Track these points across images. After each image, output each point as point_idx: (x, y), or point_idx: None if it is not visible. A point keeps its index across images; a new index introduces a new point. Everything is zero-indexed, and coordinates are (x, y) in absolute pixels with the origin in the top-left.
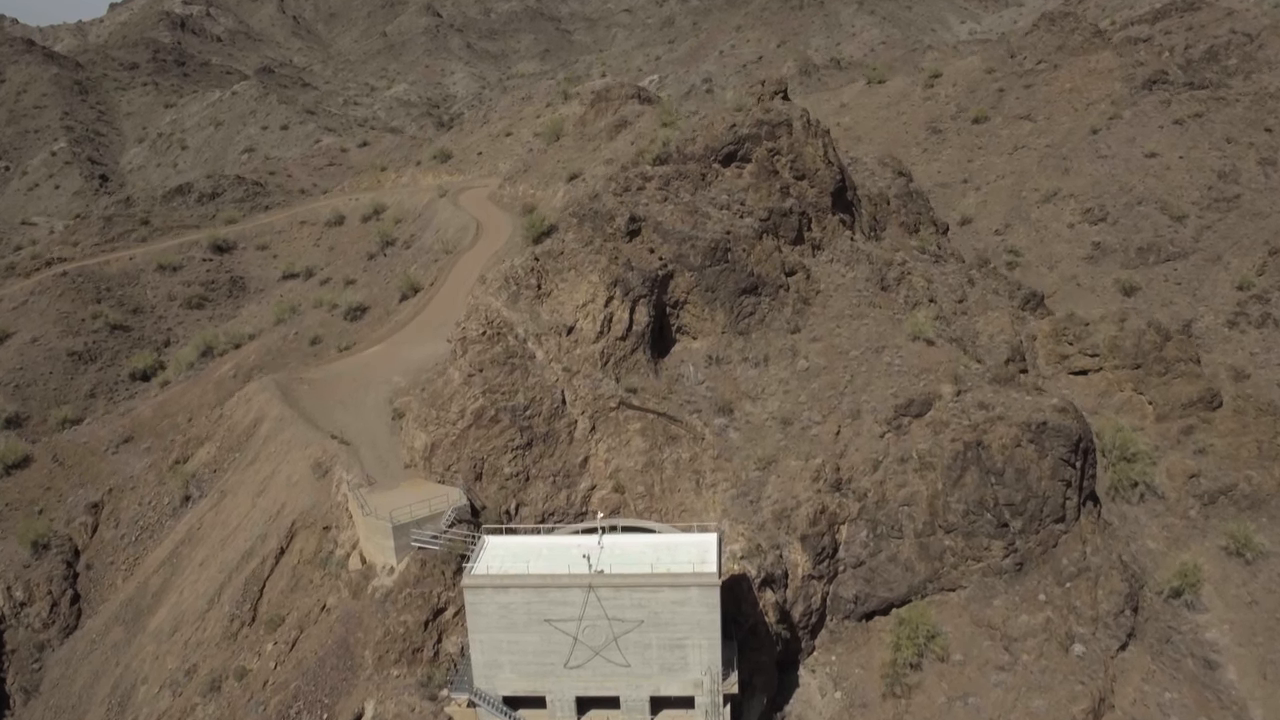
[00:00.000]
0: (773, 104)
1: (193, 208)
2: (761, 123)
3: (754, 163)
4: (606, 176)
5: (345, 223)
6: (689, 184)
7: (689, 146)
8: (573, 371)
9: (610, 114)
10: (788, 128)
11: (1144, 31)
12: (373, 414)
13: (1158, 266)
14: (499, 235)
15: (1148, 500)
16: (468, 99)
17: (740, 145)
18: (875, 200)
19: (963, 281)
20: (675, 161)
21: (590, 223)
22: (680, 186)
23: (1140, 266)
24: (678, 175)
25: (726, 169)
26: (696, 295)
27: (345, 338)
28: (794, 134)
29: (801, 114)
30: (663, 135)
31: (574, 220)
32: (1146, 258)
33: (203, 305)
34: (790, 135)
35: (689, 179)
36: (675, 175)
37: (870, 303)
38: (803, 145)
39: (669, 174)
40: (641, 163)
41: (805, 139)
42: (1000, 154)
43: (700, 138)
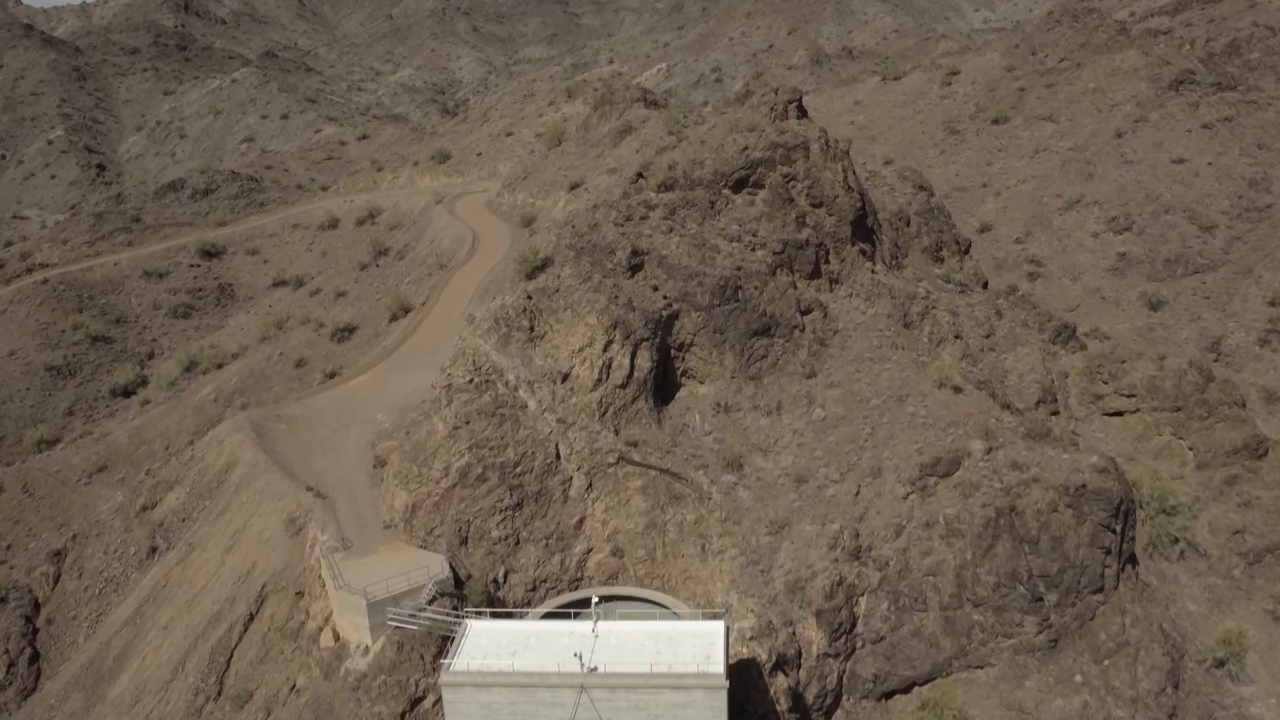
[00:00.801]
0: (788, 124)
1: (185, 204)
2: (776, 145)
3: (767, 189)
4: (607, 204)
5: (339, 226)
6: (696, 213)
7: (697, 171)
8: (568, 423)
9: (614, 118)
10: (804, 151)
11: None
12: (353, 459)
13: (1185, 279)
14: (496, 248)
15: (1188, 558)
16: (473, 84)
17: (752, 170)
18: (896, 220)
19: (990, 314)
20: (682, 187)
21: (589, 256)
22: (687, 216)
23: (1167, 279)
24: (684, 203)
25: (737, 195)
26: (704, 337)
27: (331, 360)
28: (811, 157)
29: (819, 134)
30: (668, 159)
31: (571, 253)
32: (1174, 270)
33: (189, 315)
34: (807, 159)
35: (696, 207)
36: (682, 203)
37: (892, 343)
38: (820, 170)
39: (675, 202)
40: (645, 189)
41: (823, 162)
42: (1021, 157)
43: (709, 161)
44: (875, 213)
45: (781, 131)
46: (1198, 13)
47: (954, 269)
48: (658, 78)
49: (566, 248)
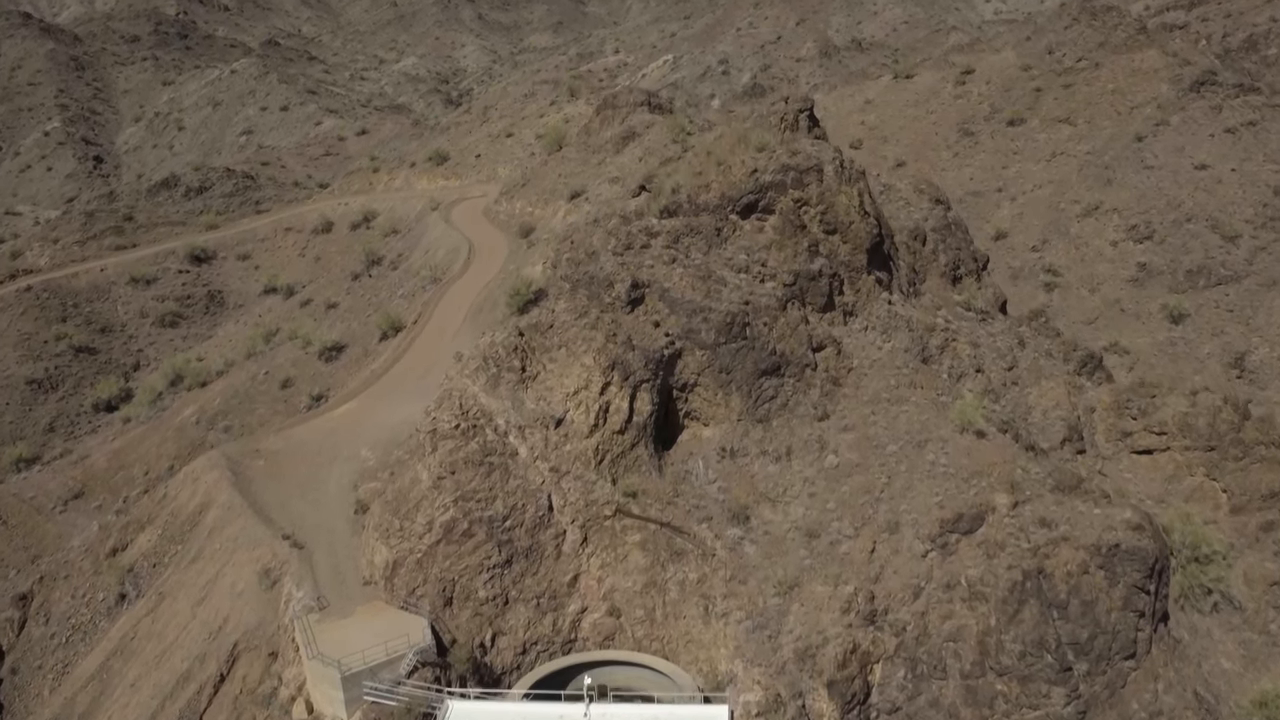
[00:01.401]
0: (799, 143)
1: (179, 202)
2: (787, 168)
3: (778, 215)
4: (606, 231)
5: (333, 230)
6: (702, 241)
7: (702, 195)
8: (561, 472)
9: (617, 123)
10: (817, 174)
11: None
12: (334, 502)
13: (1208, 291)
14: (492, 260)
15: (1222, 610)
16: (477, 73)
17: (762, 194)
18: (912, 238)
19: (1012, 343)
20: (686, 212)
21: (585, 289)
22: (691, 244)
23: (1189, 291)
24: (688, 230)
25: (745, 221)
26: (708, 377)
27: (318, 382)
28: (825, 181)
29: (834, 155)
30: (671, 181)
31: (566, 285)
32: (1196, 281)
33: (176, 324)
34: (820, 183)
35: (702, 234)
36: (686, 230)
37: (910, 381)
38: (835, 194)
39: (678, 229)
40: (647, 214)
41: (838, 186)
42: (1037, 161)
43: (716, 184)
44: (892, 236)
45: (793, 153)
46: (1214, 7)
47: (974, 295)
48: (664, 69)
49: (561, 279)
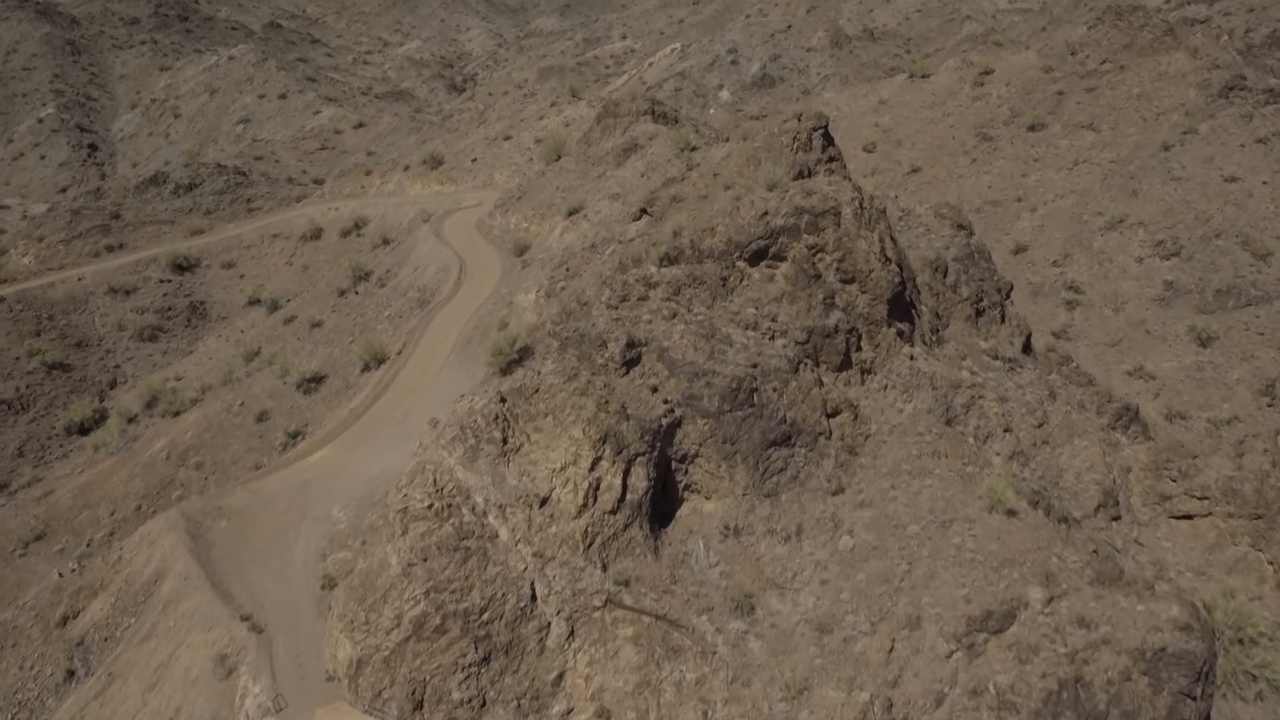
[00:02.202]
0: (815, 182)
1: (168, 200)
2: (801, 211)
3: (790, 263)
4: (600, 280)
5: (323, 237)
6: (706, 292)
7: (706, 240)
8: (546, 557)
9: (619, 133)
10: (834, 217)
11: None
12: (300, 573)
13: (1238, 312)
14: (484, 281)
15: (1267, 699)
16: (482, 58)
17: (773, 240)
18: (933, 269)
19: (1042, 396)
20: (688, 260)
21: (575, 348)
22: (694, 296)
23: (1218, 311)
24: (691, 280)
25: (754, 269)
26: (711, 448)
27: (295, 416)
28: (843, 225)
29: (853, 194)
30: (673, 223)
31: (554, 343)
32: (1225, 301)
33: (156, 337)
34: (838, 227)
35: (706, 285)
36: (688, 280)
37: (934, 449)
38: (854, 239)
39: (680, 278)
40: (645, 262)
41: (857, 230)
42: (1059, 169)
43: (721, 227)
44: (914, 278)
45: (808, 193)
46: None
47: (1000, 341)
48: (671, 58)
49: (549, 335)
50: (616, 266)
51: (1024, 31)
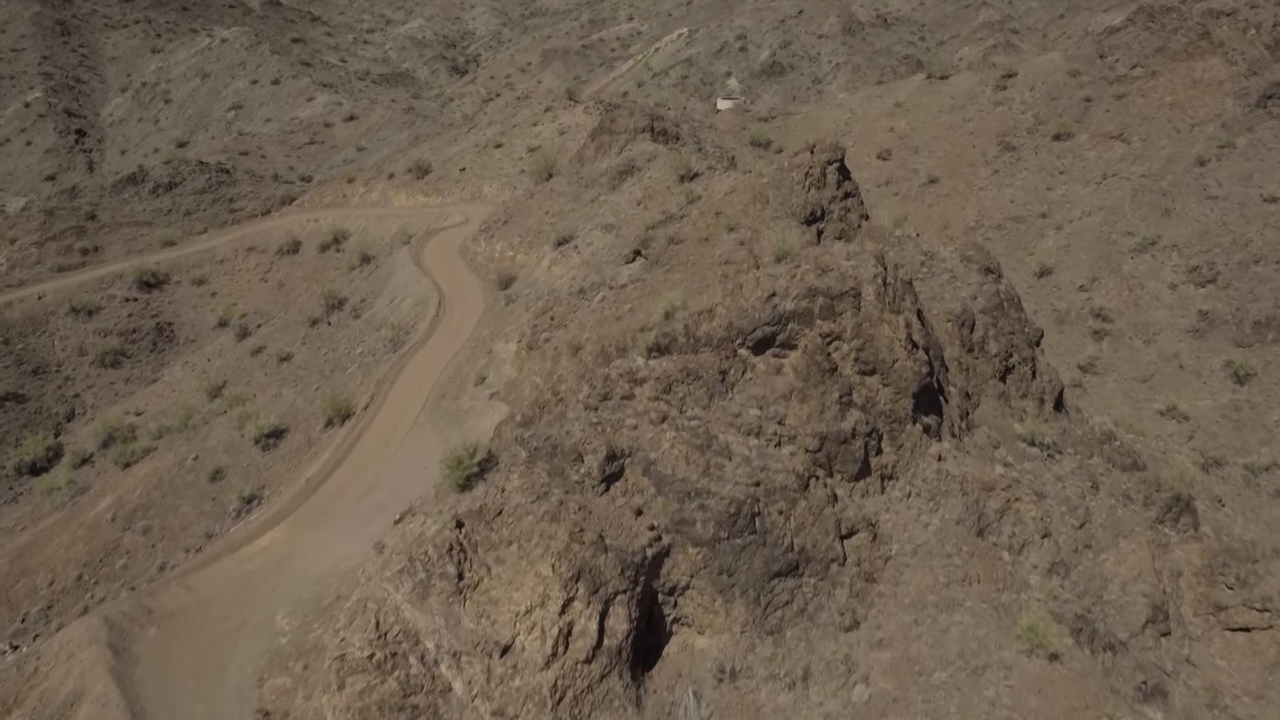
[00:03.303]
0: (832, 255)
1: (146, 200)
2: (814, 292)
3: (801, 353)
4: (577, 374)
5: (300, 251)
6: (701, 389)
7: (703, 324)
8: (508, 716)
9: (614, 152)
10: (854, 299)
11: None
12: (233, 702)
13: (1277, 346)
14: (464, 319)
15: None
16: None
17: (781, 326)
18: (959, 324)
19: (1084, 488)
20: (682, 349)
21: (546, 461)
22: (688, 395)
23: (1256, 345)
24: (685, 375)
25: (759, 358)
26: (705, 580)
27: (252, 476)
28: (864, 308)
29: (875, 270)
30: (665, 302)
31: (521, 453)
32: (1264, 334)
33: (119, 363)
34: (858, 311)
35: (702, 380)
36: (681, 375)
37: (964, 574)
38: (876, 324)
39: (671, 373)
40: (631, 351)
41: (880, 313)
42: (1086, 183)
43: (721, 310)
44: (941, 354)
45: (822, 269)
46: None
47: (1038, 424)
48: (678, 43)
49: (515, 443)
50: (598, 354)
51: (1041, 19)
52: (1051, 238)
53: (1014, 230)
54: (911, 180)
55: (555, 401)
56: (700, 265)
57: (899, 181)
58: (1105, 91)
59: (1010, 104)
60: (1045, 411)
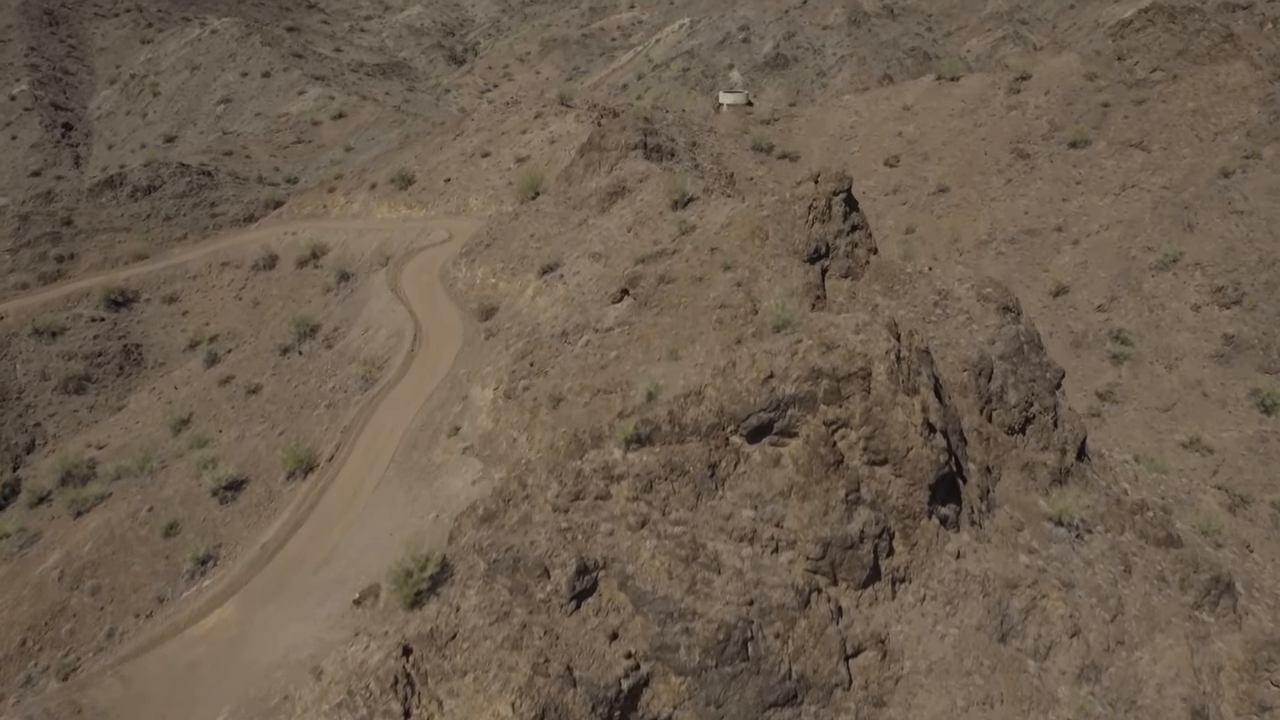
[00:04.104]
0: (837, 330)
1: (124, 204)
2: (818, 374)
3: (803, 442)
4: (548, 467)
5: (277, 266)
6: (688, 487)
7: (690, 409)
8: None
9: (604, 170)
10: (863, 380)
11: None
12: None
13: None
14: (440, 355)
15: None
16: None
17: (780, 413)
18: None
19: (1116, 572)
20: (665, 438)
21: (508, 575)
22: (671, 494)
23: None
24: (668, 470)
25: (754, 447)
26: (690, 713)
27: (208, 532)
28: (874, 390)
29: (888, 347)
30: (648, 380)
31: (480, 563)
32: None
33: (83, 389)
34: (867, 394)
35: (688, 477)
36: (664, 470)
37: (984, 694)
38: (888, 408)
39: (653, 468)
40: (608, 442)
41: (893, 395)
42: (1104, 194)
43: (711, 392)
44: (960, 427)
45: (827, 346)
46: None
47: (1067, 503)
48: (680, 34)
49: (474, 550)
50: (571, 441)
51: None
52: (1068, 253)
53: (1028, 244)
54: (920, 188)
55: (521, 495)
56: (693, 309)
57: (907, 190)
58: (1124, 96)
59: (1024, 108)
60: (1068, 461)
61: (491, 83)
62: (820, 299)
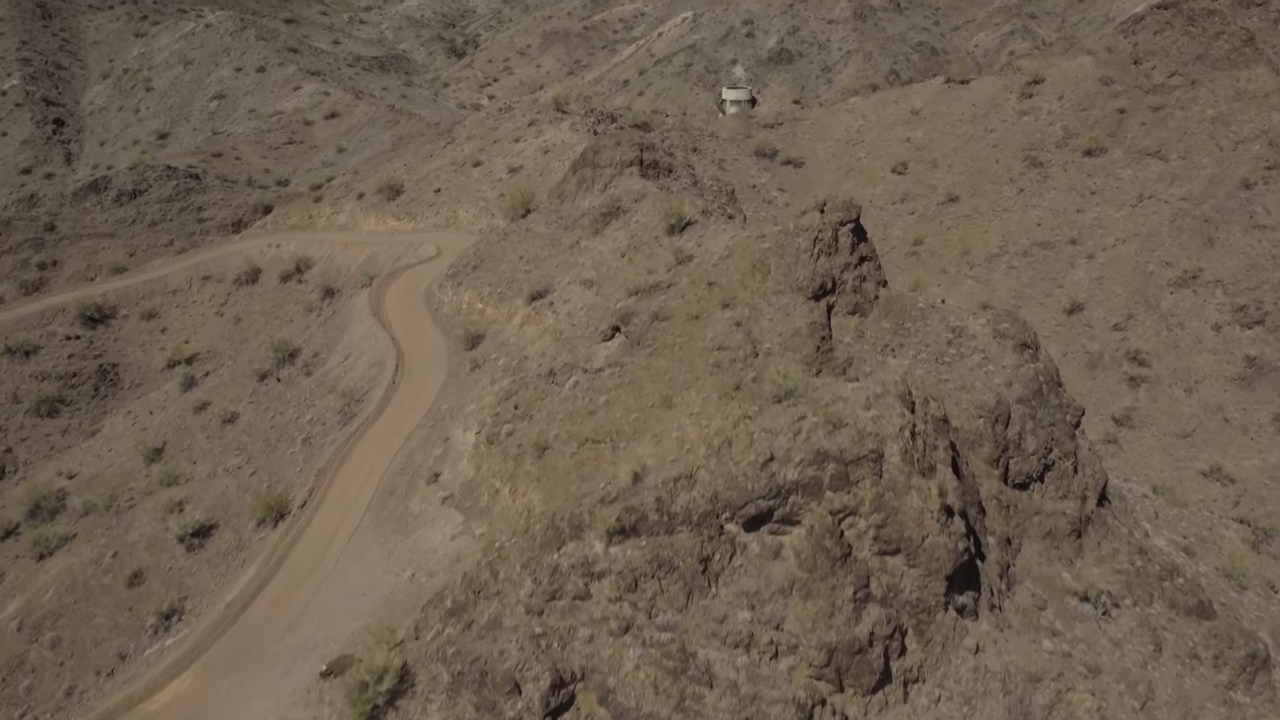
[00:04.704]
0: (846, 405)
1: (109, 209)
2: (824, 457)
3: (806, 533)
4: (522, 556)
5: (260, 280)
6: (677, 585)
7: (681, 494)
8: None
9: (598, 188)
10: (874, 464)
11: None
12: None
13: None
14: (422, 388)
15: None
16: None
17: (781, 500)
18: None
19: (1145, 652)
20: (652, 528)
21: (473, 690)
22: (659, 593)
23: None
24: (655, 565)
25: (752, 536)
26: None
27: (173, 583)
28: (886, 474)
29: (902, 424)
30: (633, 460)
31: (443, 673)
32: None
33: (57, 411)
34: (879, 478)
35: (677, 573)
36: (650, 566)
37: None
38: (902, 493)
39: (638, 564)
40: (588, 533)
41: (907, 479)
42: (1121, 205)
43: (705, 476)
44: (979, 496)
45: (834, 424)
46: None
47: (1090, 572)
48: (682, 28)
49: (437, 660)
50: (547, 530)
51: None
52: (1083, 268)
53: (1041, 258)
54: (929, 197)
55: (493, 589)
56: (689, 351)
57: (915, 198)
58: (1141, 102)
59: (1037, 114)
60: (1088, 509)
61: (491, 76)
62: (826, 340)
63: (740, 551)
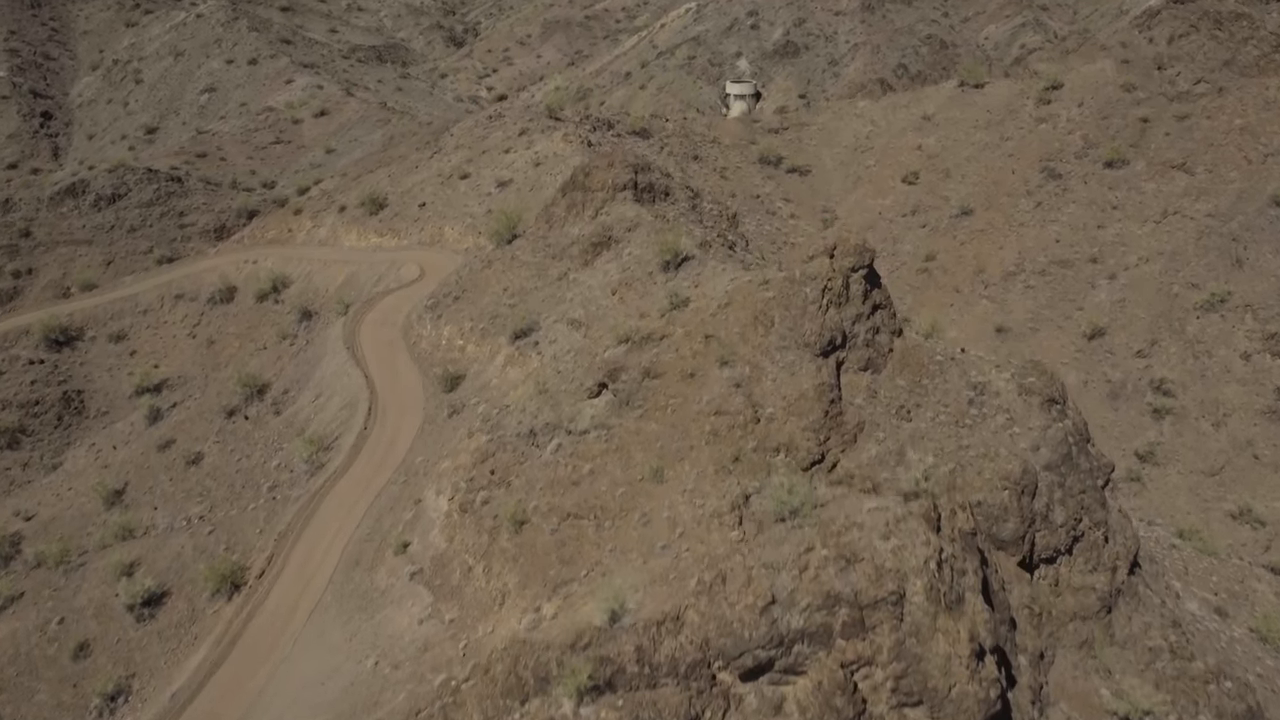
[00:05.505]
0: (861, 533)
1: (87, 214)
2: (835, 600)
3: (813, 685)
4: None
5: (235, 299)
6: None
7: (666, 640)
8: None
9: (589, 214)
10: (894, 606)
11: None
12: None
13: None
14: (396, 436)
15: None
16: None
17: (784, 649)
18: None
19: None
20: (631, 681)
21: None
22: None
23: None
24: None
25: (748, 687)
26: None
27: (120, 658)
28: (908, 618)
29: (927, 554)
30: (610, 597)
31: None
32: None
33: (17, 443)
34: (899, 623)
35: None
36: None
37: None
38: (927, 638)
39: None
40: (554, 687)
41: (932, 621)
42: (1144, 221)
43: (694, 618)
44: (1010, 611)
45: (847, 559)
46: None
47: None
48: (685, 19)
49: None
50: (509, 676)
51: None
52: (1104, 289)
53: (1059, 277)
54: (941, 209)
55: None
56: (683, 415)
57: (927, 210)
58: (1165, 111)
59: (1055, 121)
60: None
61: (490, 67)
62: (835, 404)
63: (735, 706)
